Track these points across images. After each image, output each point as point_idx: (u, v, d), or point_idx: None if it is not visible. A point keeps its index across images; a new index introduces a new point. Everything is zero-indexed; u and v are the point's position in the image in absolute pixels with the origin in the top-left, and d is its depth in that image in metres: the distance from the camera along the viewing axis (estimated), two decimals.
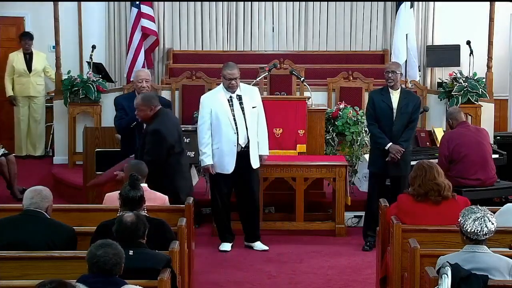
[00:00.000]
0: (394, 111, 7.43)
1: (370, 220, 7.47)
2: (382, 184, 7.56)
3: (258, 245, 7.52)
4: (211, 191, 7.57)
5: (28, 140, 11.06)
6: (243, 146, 7.29)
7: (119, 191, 5.24)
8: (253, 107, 7.33)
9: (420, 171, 5.60)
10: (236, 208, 7.64)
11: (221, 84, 7.38)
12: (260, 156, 7.42)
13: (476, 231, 4.44)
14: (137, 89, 7.36)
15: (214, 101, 7.34)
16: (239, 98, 7.33)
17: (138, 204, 5.11)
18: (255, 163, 7.36)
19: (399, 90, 7.50)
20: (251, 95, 7.40)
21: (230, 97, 7.31)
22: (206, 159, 7.31)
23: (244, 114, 7.28)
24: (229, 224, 7.56)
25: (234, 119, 7.27)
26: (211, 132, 7.30)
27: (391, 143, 7.37)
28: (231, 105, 7.30)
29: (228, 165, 7.29)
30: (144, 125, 7.09)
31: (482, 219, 4.45)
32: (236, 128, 7.26)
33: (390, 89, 7.49)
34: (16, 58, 10.88)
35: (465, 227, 4.47)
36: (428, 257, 4.82)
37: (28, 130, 11.01)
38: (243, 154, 7.29)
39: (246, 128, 7.28)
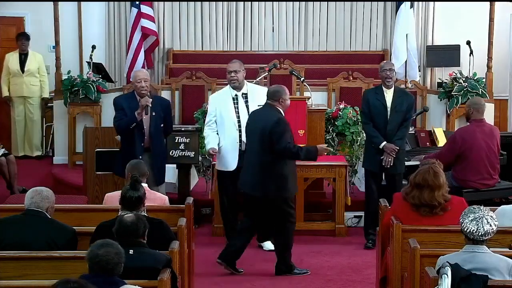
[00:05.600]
0: (389, 109, 7.47)
1: (370, 219, 7.50)
2: (379, 183, 7.57)
3: (267, 245, 7.51)
4: (218, 191, 7.60)
5: (25, 140, 11.01)
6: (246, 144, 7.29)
7: (120, 191, 5.24)
8: (258, 105, 7.33)
9: (420, 177, 5.44)
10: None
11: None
12: None
13: (472, 231, 4.45)
14: (136, 89, 7.31)
15: (219, 99, 7.42)
16: (245, 96, 7.37)
17: (138, 204, 5.11)
18: None
19: (393, 89, 7.54)
20: (259, 94, 7.37)
21: (236, 95, 7.36)
22: (207, 144, 7.37)
23: (248, 112, 7.27)
24: (235, 225, 7.51)
25: (238, 117, 7.30)
26: (217, 130, 7.34)
27: (385, 142, 7.41)
28: (236, 103, 7.34)
29: (231, 162, 7.30)
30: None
31: (480, 220, 4.45)
32: (239, 125, 7.29)
33: (384, 88, 7.54)
34: (11, 59, 10.83)
35: (463, 226, 4.49)
36: (428, 257, 4.82)
37: (25, 131, 10.97)
38: None
39: None
